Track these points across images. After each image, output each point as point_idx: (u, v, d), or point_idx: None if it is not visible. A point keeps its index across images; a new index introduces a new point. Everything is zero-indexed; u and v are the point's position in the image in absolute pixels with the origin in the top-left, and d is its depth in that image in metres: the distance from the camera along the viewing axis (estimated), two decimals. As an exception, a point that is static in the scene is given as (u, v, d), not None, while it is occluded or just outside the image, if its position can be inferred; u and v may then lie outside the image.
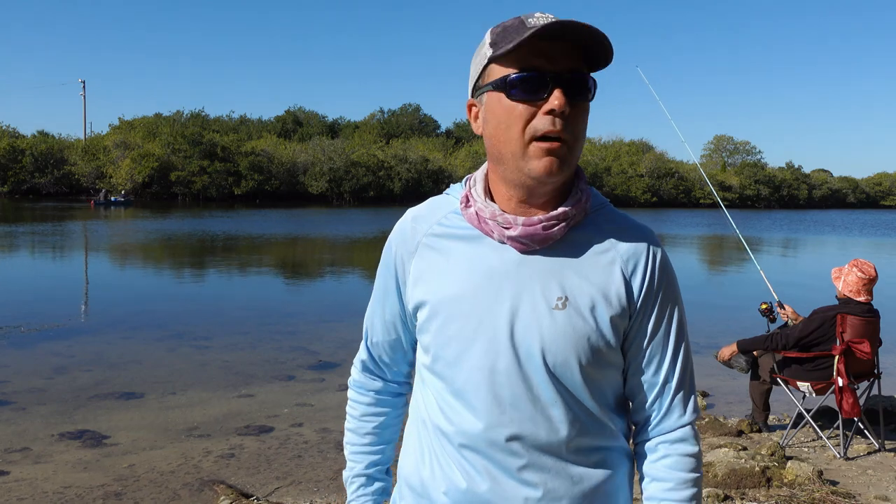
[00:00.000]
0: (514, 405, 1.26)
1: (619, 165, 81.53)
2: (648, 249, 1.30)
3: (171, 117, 74.85)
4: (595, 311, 1.25)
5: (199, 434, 5.65)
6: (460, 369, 1.29)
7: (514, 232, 1.25)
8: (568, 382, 1.26)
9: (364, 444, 1.53)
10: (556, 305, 1.24)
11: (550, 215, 1.25)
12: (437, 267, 1.32)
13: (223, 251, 22.25)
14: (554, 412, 1.26)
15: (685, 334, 1.35)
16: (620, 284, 1.27)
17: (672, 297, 1.33)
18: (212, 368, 7.71)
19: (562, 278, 1.26)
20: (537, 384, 1.25)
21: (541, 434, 1.26)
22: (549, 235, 1.25)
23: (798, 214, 70.23)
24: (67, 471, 4.84)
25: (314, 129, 79.58)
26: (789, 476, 4.47)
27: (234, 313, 11.18)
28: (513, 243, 1.27)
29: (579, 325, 1.24)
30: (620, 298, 1.27)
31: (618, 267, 1.28)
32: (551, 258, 1.27)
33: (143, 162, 58.78)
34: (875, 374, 5.36)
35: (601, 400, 1.30)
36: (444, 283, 1.30)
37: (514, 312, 1.25)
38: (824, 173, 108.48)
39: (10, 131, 66.89)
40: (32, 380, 7.04)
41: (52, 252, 20.40)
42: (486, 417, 1.27)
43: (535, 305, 1.25)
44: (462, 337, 1.28)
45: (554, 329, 1.24)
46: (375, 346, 1.51)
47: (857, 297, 5.21)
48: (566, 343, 1.24)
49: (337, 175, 65.38)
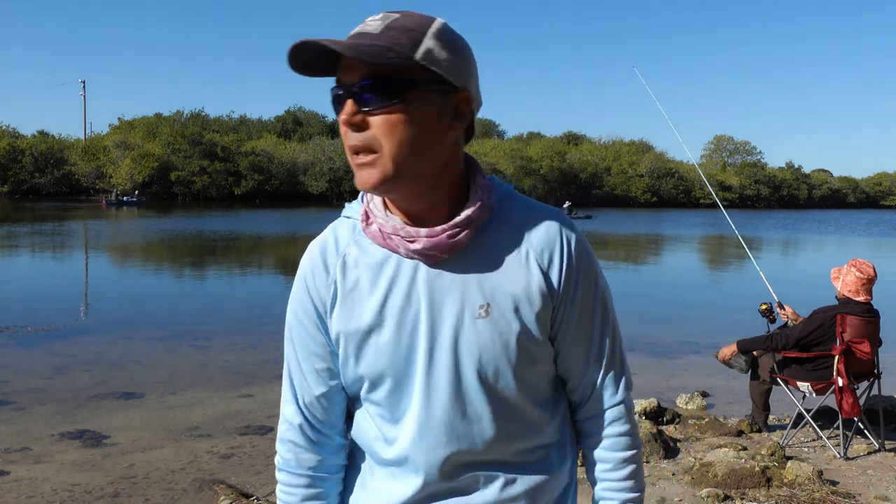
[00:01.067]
0: (448, 422, 1.21)
1: (619, 165, 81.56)
2: (561, 235, 1.24)
3: (171, 117, 74.86)
4: (520, 311, 1.20)
5: (199, 434, 5.65)
6: (390, 394, 1.24)
7: (419, 245, 1.18)
8: (502, 390, 1.22)
9: None
10: (479, 314, 1.19)
11: (454, 222, 1.18)
12: (351, 296, 1.23)
13: (223, 251, 22.25)
14: (488, 423, 1.22)
15: (610, 312, 1.32)
16: (539, 278, 1.21)
17: (592, 277, 1.28)
18: (212, 368, 7.71)
19: (480, 284, 1.20)
20: (471, 399, 1.21)
21: (478, 447, 1.23)
22: (457, 243, 1.18)
23: (798, 214, 70.21)
24: (67, 471, 4.84)
25: (314, 129, 79.55)
26: (789, 476, 4.47)
27: (234, 313, 11.18)
28: (420, 257, 1.19)
29: (506, 330, 1.20)
30: (542, 292, 1.21)
31: (533, 261, 1.22)
32: (465, 265, 1.20)
33: (143, 162, 58.81)
34: (875, 374, 5.35)
35: (537, 397, 1.27)
36: (361, 310, 1.22)
37: (435, 329, 1.19)
38: (824, 173, 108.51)
39: (10, 131, 66.94)
40: (32, 380, 7.04)
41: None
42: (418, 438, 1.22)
43: (456, 318, 1.19)
44: (389, 361, 1.22)
45: (481, 339, 1.19)
46: (310, 405, 1.32)
47: (856, 296, 5.21)
48: (495, 351, 1.19)
49: (337, 175, 65.35)
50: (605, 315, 1.30)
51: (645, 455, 5.13)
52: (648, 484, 4.53)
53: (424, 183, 1.18)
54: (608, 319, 1.31)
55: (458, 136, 1.20)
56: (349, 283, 1.24)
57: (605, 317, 1.30)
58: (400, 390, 1.24)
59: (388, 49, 1.10)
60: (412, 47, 1.11)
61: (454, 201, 1.22)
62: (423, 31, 1.13)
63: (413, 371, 1.22)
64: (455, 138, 1.20)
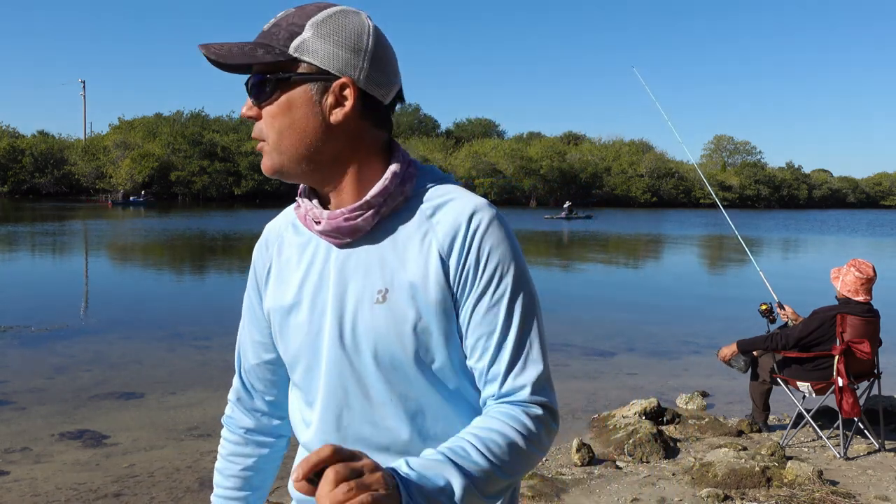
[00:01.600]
0: (350, 407, 1.23)
1: (619, 165, 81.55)
2: (469, 222, 1.19)
3: (171, 117, 74.81)
4: (416, 298, 1.18)
5: (199, 434, 5.65)
6: (304, 376, 1.28)
7: (321, 227, 1.23)
8: (401, 378, 1.21)
9: (227, 487, 1.46)
10: (377, 299, 1.19)
11: (353, 206, 1.21)
12: (281, 274, 1.31)
13: (224, 250, 22.26)
14: (390, 411, 1.22)
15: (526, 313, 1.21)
16: (438, 266, 1.18)
17: (504, 273, 1.20)
18: (212, 368, 7.71)
19: (381, 270, 1.21)
20: (371, 384, 1.22)
21: (381, 435, 1.23)
22: (355, 227, 1.21)
23: (799, 214, 70.21)
24: (67, 471, 4.84)
25: (314, 129, 79.39)
26: (789, 476, 4.47)
27: (234, 313, 11.14)
28: (326, 238, 1.24)
29: (401, 317, 1.18)
30: (440, 281, 1.18)
31: (434, 248, 1.19)
32: (369, 250, 1.22)
33: (143, 162, 58.81)
34: (875, 374, 5.36)
35: (444, 390, 1.23)
36: (286, 289, 1.29)
37: (341, 312, 1.22)
38: (824, 173, 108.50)
39: (10, 131, 66.95)
40: (32, 380, 7.04)
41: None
42: (323, 424, 1.26)
43: (358, 302, 1.21)
44: (302, 342, 1.27)
45: (376, 324, 1.19)
46: (248, 372, 1.44)
47: (855, 296, 5.21)
48: (391, 338, 1.19)
49: (337, 175, 65.31)
50: (512, 314, 1.20)
51: (645, 455, 5.13)
52: (648, 484, 4.53)
53: (318, 171, 1.22)
54: (517, 320, 1.20)
55: (349, 124, 1.20)
56: (282, 262, 1.32)
57: (514, 316, 1.20)
58: (311, 372, 1.27)
59: (261, 46, 1.18)
60: (287, 41, 1.18)
61: (367, 186, 1.23)
62: (303, 23, 1.18)
63: (320, 353, 1.25)
64: (344, 125, 1.20)
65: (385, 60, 1.22)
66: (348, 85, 1.18)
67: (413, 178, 1.25)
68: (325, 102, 1.19)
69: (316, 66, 1.18)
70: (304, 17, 1.19)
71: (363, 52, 1.19)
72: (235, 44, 1.20)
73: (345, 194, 1.24)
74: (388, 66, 1.23)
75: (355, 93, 1.19)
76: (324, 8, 1.20)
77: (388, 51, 1.23)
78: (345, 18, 1.20)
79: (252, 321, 1.42)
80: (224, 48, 1.19)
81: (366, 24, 1.21)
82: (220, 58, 1.18)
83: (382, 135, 1.26)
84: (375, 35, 1.21)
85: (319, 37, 1.17)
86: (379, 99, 1.22)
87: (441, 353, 1.21)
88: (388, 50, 1.24)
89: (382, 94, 1.22)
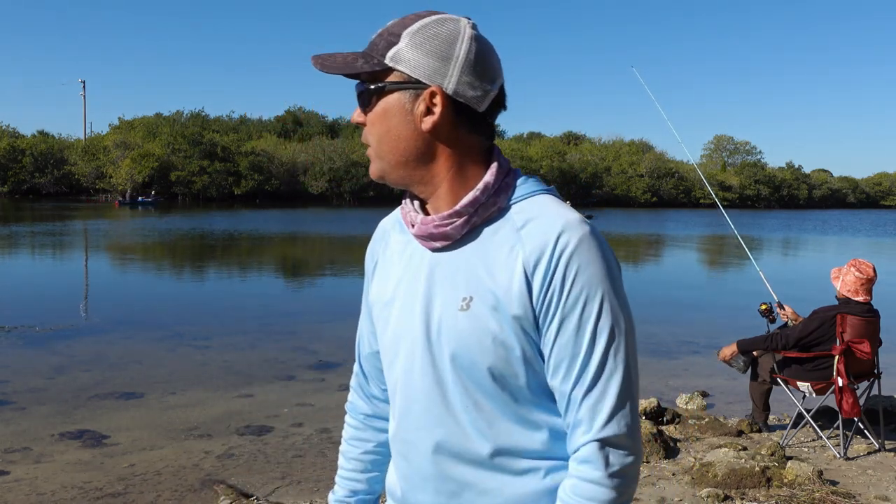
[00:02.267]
0: (428, 410, 1.26)
1: (619, 165, 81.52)
2: (557, 241, 1.17)
3: (171, 117, 74.77)
4: (498, 310, 1.19)
5: (199, 434, 5.65)
6: (391, 372, 1.33)
7: (414, 231, 1.27)
8: (477, 387, 1.21)
9: (349, 469, 1.51)
10: (461, 307, 1.21)
11: (443, 214, 1.23)
12: (384, 270, 1.37)
13: (224, 250, 22.26)
14: (465, 418, 1.23)
15: (613, 339, 1.18)
16: (522, 281, 1.18)
17: (591, 294, 1.17)
18: (212, 368, 7.71)
19: (468, 277, 1.22)
20: (450, 389, 1.23)
21: (455, 441, 1.24)
22: (445, 234, 1.23)
23: (800, 215, 70.21)
24: (67, 471, 4.84)
25: (314, 129, 79.49)
26: (789, 476, 4.47)
27: (234, 313, 11.18)
28: (421, 242, 1.28)
29: (482, 327, 1.19)
30: (522, 297, 1.18)
31: (520, 263, 1.18)
32: (459, 257, 1.24)
33: (143, 162, 58.76)
34: (875, 374, 5.36)
35: (520, 402, 1.22)
36: (385, 284, 1.35)
37: (429, 315, 1.25)
38: (824, 173, 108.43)
39: (10, 131, 66.87)
40: (32, 380, 7.04)
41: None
42: (401, 421, 1.31)
43: (445, 307, 1.23)
44: (392, 339, 1.31)
45: (459, 331, 1.21)
46: (365, 360, 1.50)
47: (855, 296, 5.21)
48: (471, 346, 1.20)
49: (337, 175, 65.35)
50: (595, 338, 1.17)
51: (645, 455, 5.13)
52: (648, 484, 4.53)
53: (415, 176, 1.26)
54: (601, 345, 1.17)
55: (441, 130, 1.22)
56: (386, 258, 1.37)
57: (597, 340, 1.17)
58: (393, 368, 1.32)
59: (361, 56, 1.24)
60: (385, 51, 1.22)
61: (461, 193, 1.25)
62: (400, 34, 1.22)
63: (405, 351, 1.29)
64: (435, 133, 1.22)
65: (480, 68, 1.23)
66: (437, 93, 1.21)
67: (509, 188, 1.25)
68: (416, 110, 1.22)
69: (407, 75, 1.21)
70: (402, 27, 1.23)
71: (454, 60, 1.21)
72: (341, 54, 1.26)
73: (440, 201, 1.26)
74: (484, 73, 1.23)
75: (444, 101, 1.21)
76: (423, 17, 1.23)
77: (485, 58, 1.24)
78: (440, 27, 1.22)
79: (366, 312, 1.47)
80: (329, 59, 1.25)
81: (461, 33, 1.22)
82: (324, 68, 1.25)
83: (480, 142, 1.27)
84: (471, 43, 1.22)
85: (412, 46, 1.21)
86: (478, 106, 1.23)
87: (519, 368, 1.21)
88: (486, 57, 1.24)
89: (476, 102, 1.23)
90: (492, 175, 1.24)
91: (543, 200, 1.24)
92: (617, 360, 1.18)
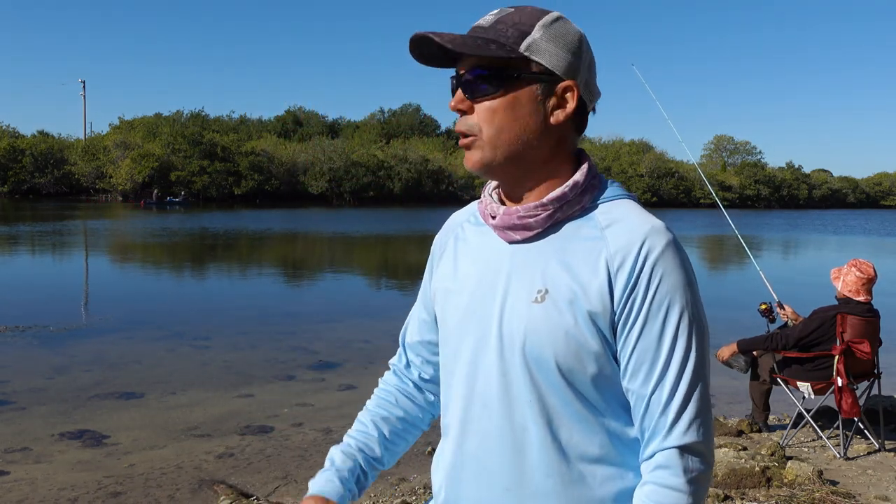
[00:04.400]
0: (489, 400, 1.25)
1: (618, 165, 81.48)
2: (643, 244, 1.18)
3: (171, 117, 74.72)
4: (574, 305, 1.18)
5: (199, 434, 5.65)
6: (455, 361, 1.32)
7: (495, 221, 1.28)
8: (544, 380, 1.20)
9: (359, 425, 1.48)
10: (536, 298, 1.21)
11: (530, 205, 1.24)
12: (453, 259, 1.37)
13: (224, 250, 22.26)
14: (528, 411, 1.21)
15: (692, 346, 1.18)
16: (604, 279, 1.18)
17: (673, 300, 1.17)
18: (212, 368, 7.71)
19: (545, 270, 1.22)
20: (514, 380, 1.22)
21: (516, 433, 1.23)
22: (526, 225, 1.24)
23: (801, 215, 70.20)
24: (67, 471, 4.84)
25: (314, 129, 79.49)
26: (789, 476, 4.47)
27: (234, 313, 11.18)
28: (499, 233, 1.28)
29: (556, 320, 1.19)
30: (602, 294, 1.18)
31: (603, 261, 1.19)
32: (537, 250, 1.24)
33: (143, 162, 58.74)
34: (875, 374, 5.36)
35: (587, 400, 1.21)
36: (455, 273, 1.35)
37: (503, 305, 1.24)
38: (824, 173, 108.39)
39: (10, 131, 66.81)
40: (32, 380, 7.04)
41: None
42: (461, 412, 1.29)
43: (519, 297, 1.23)
44: (459, 327, 1.31)
45: (532, 322, 1.20)
46: (410, 347, 1.51)
47: (856, 296, 5.21)
48: (541, 338, 1.19)
49: (337, 175, 65.33)
50: (676, 346, 1.17)
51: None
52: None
53: (522, 168, 1.25)
54: (683, 352, 1.17)
55: (562, 126, 1.24)
56: (457, 248, 1.38)
57: (678, 349, 1.17)
58: (458, 357, 1.31)
59: (492, 41, 1.20)
60: (518, 40, 1.20)
61: (552, 189, 1.26)
62: (532, 24, 1.21)
63: (472, 340, 1.28)
64: (557, 128, 1.24)
65: (595, 71, 1.28)
66: (572, 88, 1.23)
67: (594, 189, 1.27)
68: (548, 103, 1.22)
69: (545, 67, 1.21)
70: (529, 17, 1.22)
71: (583, 58, 1.24)
72: (467, 35, 1.22)
73: (533, 194, 1.27)
74: (595, 74, 1.28)
75: (577, 96, 1.23)
76: (547, 12, 1.25)
77: (593, 59, 1.28)
78: (567, 25, 1.25)
79: (422, 301, 1.49)
80: (458, 38, 1.20)
81: (581, 33, 1.26)
82: (454, 45, 1.18)
83: (577, 141, 1.30)
84: (589, 45, 1.27)
85: (548, 39, 1.21)
86: (589, 105, 1.27)
87: (589, 365, 1.20)
88: (593, 58, 1.29)
89: (592, 102, 1.28)
90: (582, 175, 1.26)
91: (628, 205, 1.26)
92: (697, 367, 1.18)
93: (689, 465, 1.17)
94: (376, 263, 20.39)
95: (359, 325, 10.24)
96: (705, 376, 1.20)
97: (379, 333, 9.47)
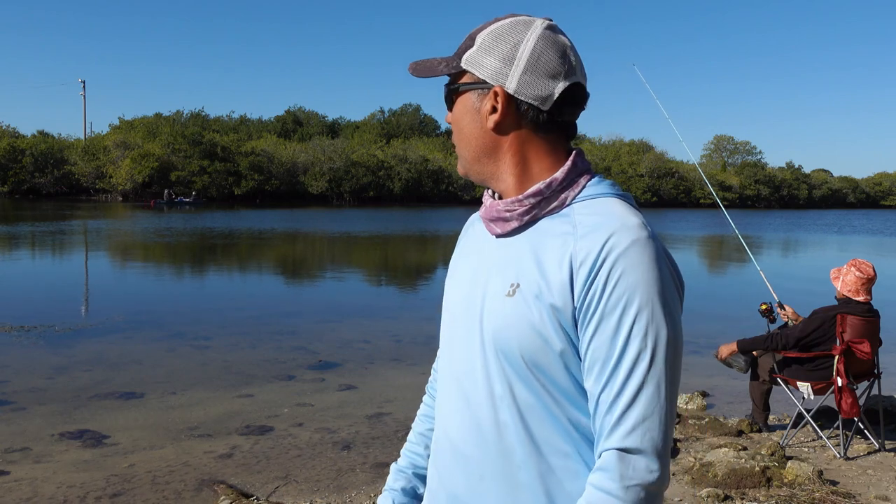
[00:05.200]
0: (474, 395, 1.29)
1: (618, 165, 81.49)
2: (606, 241, 1.16)
3: (171, 117, 74.82)
4: (539, 299, 1.20)
5: (199, 434, 5.65)
6: (443, 351, 1.40)
7: (482, 212, 1.35)
8: (514, 373, 1.23)
9: (413, 442, 1.57)
10: (509, 292, 1.24)
11: (510, 200, 1.29)
12: (458, 256, 1.45)
13: (223, 250, 22.26)
14: (504, 404, 1.25)
15: (648, 346, 1.14)
16: (566, 275, 1.18)
17: (631, 299, 1.14)
18: (212, 368, 7.71)
19: (519, 264, 1.25)
20: (492, 374, 1.26)
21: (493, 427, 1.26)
22: (505, 217, 1.29)
23: (801, 215, 70.19)
24: (67, 471, 4.84)
25: (314, 129, 79.56)
26: (789, 476, 4.47)
27: (234, 313, 11.18)
28: (486, 225, 1.34)
29: (523, 313, 1.21)
30: (564, 290, 1.18)
31: (567, 257, 1.19)
32: (515, 245, 1.29)
33: (143, 162, 58.77)
34: (875, 374, 5.36)
35: (553, 394, 1.21)
36: (455, 269, 1.43)
37: (483, 298, 1.29)
38: (824, 173, 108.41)
39: (10, 131, 66.80)
40: (32, 380, 7.04)
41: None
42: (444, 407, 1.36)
43: (496, 291, 1.27)
44: (450, 321, 1.38)
45: (503, 315, 1.24)
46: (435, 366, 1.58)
47: (856, 296, 5.21)
48: (510, 331, 1.22)
49: (337, 175, 65.37)
50: (629, 343, 1.14)
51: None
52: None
53: (486, 175, 1.33)
54: (634, 351, 1.14)
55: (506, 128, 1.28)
56: (462, 246, 1.46)
57: (629, 346, 1.14)
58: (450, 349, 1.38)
59: (444, 60, 1.32)
60: (462, 54, 1.30)
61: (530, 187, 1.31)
62: (475, 37, 1.30)
63: (458, 334, 1.35)
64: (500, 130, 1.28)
65: (545, 68, 1.25)
66: (499, 93, 1.27)
67: (579, 187, 1.28)
68: (482, 110, 1.29)
69: (476, 76, 1.29)
70: (479, 31, 1.30)
71: (517, 60, 1.25)
72: (431, 59, 1.35)
73: (511, 193, 1.32)
74: (547, 73, 1.25)
75: (505, 100, 1.26)
76: (500, 20, 1.30)
77: (550, 58, 1.25)
78: (509, 29, 1.27)
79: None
80: (420, 64, 1.34)
81: (529, 34, 1.26)
82: (415, 73, 1.34)
83: (551, 140, 1.30)
84: (536, 43, 1.25)
85: (481, 49, 1.28)
86: (537, 105, 1.26)
87: (553, 360, 1.21)
88: (551, 56, 1.25)
89: (539, 101, 1.25)
90: (562, 172, 1.27)
91: (611, 202, 1.25)
92: (651, 370, 1.14)
93: (629, 472, 1.12)
94: (376, 263, 20.40)
95: (359, 325, 10.23)
96: (664, 380, 1.14)
97: (379, 333, 9.47)
